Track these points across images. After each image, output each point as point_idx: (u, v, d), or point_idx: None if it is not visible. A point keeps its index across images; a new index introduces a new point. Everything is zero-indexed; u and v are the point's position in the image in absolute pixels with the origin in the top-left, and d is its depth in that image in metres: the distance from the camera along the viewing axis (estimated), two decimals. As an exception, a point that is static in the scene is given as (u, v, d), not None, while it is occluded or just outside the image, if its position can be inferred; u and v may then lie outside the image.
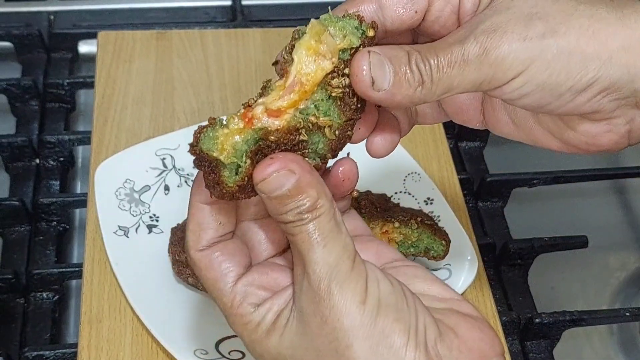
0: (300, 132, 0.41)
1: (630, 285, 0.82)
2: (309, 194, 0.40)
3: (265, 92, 0.42)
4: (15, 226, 0.77)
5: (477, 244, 0.73)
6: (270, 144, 0.41)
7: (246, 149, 0.41)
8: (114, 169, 0.74)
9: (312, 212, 0.40)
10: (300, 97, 0.41)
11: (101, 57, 0.87)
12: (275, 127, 0.41)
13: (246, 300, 0.43)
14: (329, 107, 0.41)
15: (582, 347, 0.77)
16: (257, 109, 0.41)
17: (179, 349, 0.62)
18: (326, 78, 0.41)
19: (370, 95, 0.41)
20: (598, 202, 0.89)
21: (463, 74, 0.41)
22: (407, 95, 0.41)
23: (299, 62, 0.41)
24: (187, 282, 0.67)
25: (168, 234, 0.69)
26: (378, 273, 0.41)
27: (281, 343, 0.42)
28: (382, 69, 0.41)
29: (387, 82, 0.41)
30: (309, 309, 0.41)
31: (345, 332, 0.40)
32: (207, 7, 1.00)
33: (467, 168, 0.86)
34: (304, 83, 0.41)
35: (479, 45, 0.40)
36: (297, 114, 0.41)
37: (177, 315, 0.65)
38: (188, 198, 0.72)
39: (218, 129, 0.41)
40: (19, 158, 0.82)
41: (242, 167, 0.41)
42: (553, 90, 0.41)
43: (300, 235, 0.41)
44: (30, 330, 0.71)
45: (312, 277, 0.40)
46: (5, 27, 0.94)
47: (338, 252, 0.40)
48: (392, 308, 0.40)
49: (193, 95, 0.84)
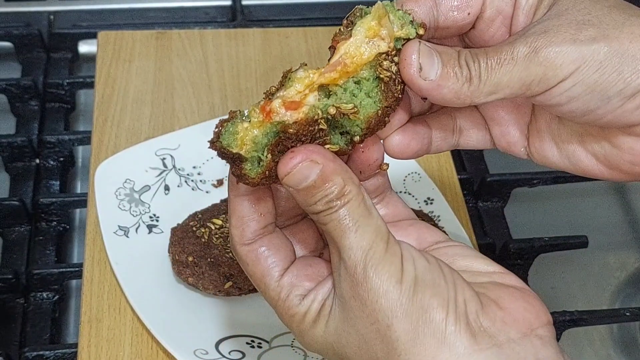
0: (319, 122, 0.41)
1: (630, 285, 0.82)
2: (335, 182, 0.41)
3: (285, 83, 0.42)
4: (15, 226, 0.77)
5: (477, 244, 0.73)
6: (290, 136, 0.41)
7: (266, 142, 0.41)
8: (114, 169, 0.74)
9: (340, 199, 0.41)
10: (340, 76, 0.42)
11: (101, 57, 0.87)
12: (294, 120, 0.41)
13: (292, 293, 0.44)
14: (372, 89, 0.42)
15: (582, 347, 0.77)
16: (275, 103, 0.41)
17: (179, 349, 0.62)
18: (378, 58, 0.42)
19: (416, 82, 0.41)
20: (598, 202, 0.89)
21: (512, 73, 0.41)
22: (453, 89, 0.41)
23: (355, 39, 0.42)
24: (187, 282, 0.67)
25: (168, 234, 0.69)
26: (413, 251, 0.42)
27: (327, 331, 0.43)
28: (430, 59, 0.41)
29: (435, 72, 0.41)
30: (348, 294, 0.41)
31: (385, 312, 0.40)
32: (207, 7, 1.00)
33: (467, 168, 0.86)
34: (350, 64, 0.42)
35: (528, 44, 0.41)
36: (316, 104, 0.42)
37: (177, 315, 0.65)
38: (188, 198, 0.73)
39: (238, 123, 0.41)
40: (19, 158, 0.82)
41: (264, 160, 0.41)
42: (603, 93, 0.41)
43: (331, 223, 0.41)
44: (30, 330, 0.71)
45: (348, 262, 0.41)
46: (5, 27, 0.94)
47: (370, 235, 0.41)
48: (429, 284, 0.40)
49: (193, 95, 0.84)
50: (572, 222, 0.86)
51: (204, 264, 0.66)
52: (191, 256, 0.66)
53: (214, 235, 0.67)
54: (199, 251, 0.66)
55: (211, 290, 0.66)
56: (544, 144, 0.48)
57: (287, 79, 0.42)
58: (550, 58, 0.40)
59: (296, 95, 0.42)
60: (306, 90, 0.42)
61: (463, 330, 0.39)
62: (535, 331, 0.41)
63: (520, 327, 0.41)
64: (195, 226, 0.68)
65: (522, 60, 0.40)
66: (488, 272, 0.44)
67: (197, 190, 0.75)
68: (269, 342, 0.65)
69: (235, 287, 0.66)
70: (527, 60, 0.40)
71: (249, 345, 0.64)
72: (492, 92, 0.41)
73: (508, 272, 0.44)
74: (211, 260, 0.66)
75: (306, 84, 0.42)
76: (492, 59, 0.41)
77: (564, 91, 0.41)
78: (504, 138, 0.49)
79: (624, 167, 0.45)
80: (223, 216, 0.69)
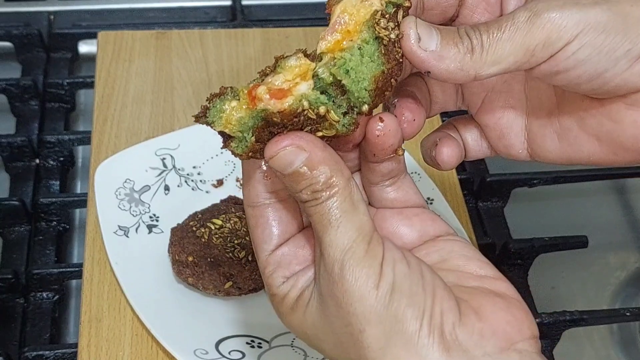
0: (306, 112, 0.40)
1: (630, 285, 0.82)
2: (321, 171, 0.39)
3: (275, 69, 0.41)
4: (15, 226, 0.77)
5: (477, 244, 0.73)
6: (276, 123, 0.40)
7: (252, 124, 0.40)
8: (114, 169, 0.74)
9: (326, 190, 0.39)
10: (343, 37, 0.40)
11: (101, 57, 0.87)
12: (277, 109, 0.40)
13: (276, 272, 0.43)
14: (374, 52, 0.40)
15: (582, 347, 0.77)
16: (260, 89, 0.40)
17: (179, 349, 0.62)
18: (375, 16, 0.40)
19: (417, 52, 0.40)
20: (598, 202, 0.89)
21: (514, 39, 0.39)
22: (456, 59, 0.40)
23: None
24: (187, 282, 0.67)
25: (168, 234, 0.69)
26: (396, 254, 0.40)
27: (304, 321, 0.42)
28: (429, 30, 0.40)
29: (435, 42, 0.40)
30: (325, 291, 0.40)
31: (358, 317, 0.39)
32: (207, 7, 1.00)
33: (467, 168, 0.86)
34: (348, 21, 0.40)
35: (528, 9, 0.39)
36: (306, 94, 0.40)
37: (177, 315, 0.65)
38: (188, 198, 0.73)
39: (226, 101, 0.41)
40: (18, 158, 0.82)
41: (248, 141, 0.40)
42: (610, 54, 0.39)
43: (315, 216, 0.40)
44: (30, 330, 0.71)
45: (327, 260, 0.39)
46: (5, 27, 0.94)
47: (352, 233, 0.39)
48: (406, 292, 0.39)
49: (193, 95, 0.84)
50: (572, 222, 0.86)
51: (204, 264, 0.66)
52: (191, 256, 0.66)
53: (214, 235, 0.67)
54: (199, 251, 0.66)
55: (211, 290, 0.66)
56: (545, 138, 0.47)
57: (278, 65, 0.41)
58: (553, 19, 0.39)
59: (284, 83, 0.40)
60: (297, 79, 0.41)
61: (436, 343, 0.38)
62: (515, 345, 0.40)
63: (498, 340, 0.39)
64: (195, 226, 0.68)
65: (524, 24, 0.39)
66: (479, 275, 0.43)
67: (197, 190, 0.75)
68: (269, 342, 0.65)
69: (235, 287, 0.66)
70: (530, 23, 0.39)
71: (249, 345, 0.64)
72: (496, 62, 0.40)
73: (501, 277, 0.43)
74: (211, 260, 0.66)
75: (296, 73, 0.41)
76: (493, 27, 0.40)
77: (571, 54, 0.39)
78: (501, 142, 0.49)
79: (627, 143, 0.43)
80: (223, 216, 0.69)
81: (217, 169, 0.76)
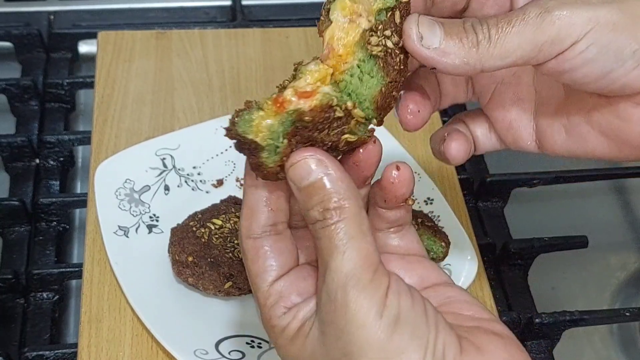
0: (335, 109, 0.41)
1: (630, 285, 0.82)
2: (336, 189, 0.39)
3: (296, 75, 0.42)
4: (15, 226, 0.77)
5: (477, 244, 0.73)
6: (307, 125, 0.40)
7: (282, 131, 0.40)
8: (114, 169, 0.74)
9: (336, 210, 0.39)
10: (337, 62, 0.41)
11: (101, 57, 0.87)
12: (308, 107, 0.40)
13: (278, 303, 0.43)
14: (371, 68, 0.41)
15: (582, 347, 0.77)
16: (287, 92, 0.40)
17: (179, 349, 0.62)
18: (364, 36, 0.41)
19: (419, 51, 0.40)
20: (598, 202, 0.89)
21: (524, 33, 0.39)
22: (460, 54, 0.40)
23: (335, 23, 0.41)
24: (187, 282, 0.67)
25: (168, 234, 0.69)
26: (401, 285, 0.40)
27: (303, 351, 0.41)
28: (431, 27, 0.40)
29: (438, 39, 0.40)
30: (327, 318, 0.40)
31: (360, 345, 0.38)
32: (207, 7, 1.00)
33: (467, 168, 0.86)
34: (338, 47, 0.41)
35: (539, 6, 0.40)
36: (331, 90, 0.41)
37: (177, 315, 0.65)
38: (188, 198, 0.73)
39: (254, 111, 0.41)
40: (18, 158, 0.82)
41: (280, 147, 0.40)
42: (618, 54, 0.40)
43: (323, 239, 0.40)
44: (30, 331, 0.71)
45: (331, 285, 0.39)
46: (5, 27, 0.94)
47: (358, 261, 0.39)
48: (410, 324, 0.39)
49: (193, 95, 0.84)
50: (572, 222, 0.86)
51: (204, 264, 0.66)
52: (191, 256, 0.66)
53: (213, 235, 0.67)
54: (199, 251, 0.66)
55: (211, 290, 0.66)
56: (553, 131, 0.47)
57: (298, 71, 0.41)
58: (564, 17, 0.39)
59: (307, 86, 0.41)
60: (318, 83, 0.41)
61: None
62: None
63: None
64: (195, 226, 0.68)
65: (534, 20, 0.39)
66: (477, 317, 0.43)
67: (197, 190, 0.75)
68: (269, 342, 0.65)
69: (235, 287, 0.66)
70: (540, 19, 0.39)
71: (249, 345, 0.64)
72: (503, 56, 0.40)
73: (497, 320, 0.44)
74: (211, 260, 0.66)
75: (317, 77, 0.41)
76: (503, 21, 0.40)
77: (579, 53, 0.40)
78: (510, 134, 0.49)
79: (633, 141, 0.44)
80: (223, 216, 0.69)
81: (217, 169, 0.76)
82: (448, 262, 0.68)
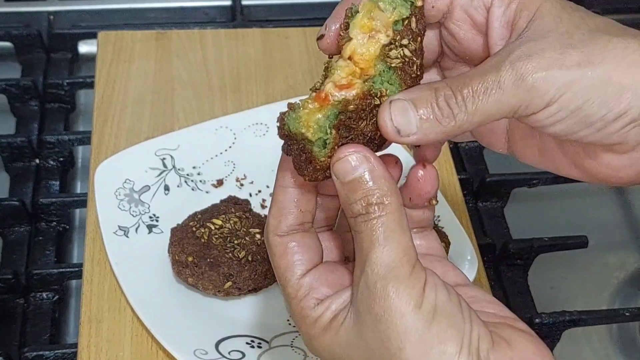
0: (374, 95, 0.43)
1: (630, 285, 0.82)
2: (379, 185, 0.41)
3: (329, 73, 0.43)
4: (15, 226, 0.78)
5: (477, 244, 0.73)
6: (351, 115, 0.42)
7: (329, 123, 0.42)
8: (114, 169, 0.74)
9: (379, 205, 0.41)
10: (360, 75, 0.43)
11: (101, 57, 0.87)
12: (352, 96, 0.42)
13: (310, 295, 0.44)
14: (390, 77, 0.43)
15: (581, 347, 0.77)
16: (328, 87, 0.43)
17: (179, 349, 0.62)
18: (384, 50, 0.43)
19: (402, 142, 0.43)
20: (598, 202, 0.89)
21: (500, 101, 0.41)
22: (440, 132, 0.42)
23: (356, 40, 0.43)
24: (187, 282, 0.67)
25: (168, 234, 0.69)
26: (437, 280, 0.42)
27: (335, 341, 0.43)
28: (405, 116, 0.42)
29: (414, 126, 0.42)
30: (364, 307, 0.41)
31: (399, 334, 0.40)
32: (207, 7, 1.01)
33: (467, 168, 0.86)
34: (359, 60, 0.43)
35: (515, 71, 0.41)
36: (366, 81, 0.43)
37: (177, 315, 0.65)
38: (188, 198, 0.73)
39: (300, 110, 0.42)
40: (18, 158, 0.82)
41: (329, 137, 0.42)
42: (586, 118, 0.41)
43: (365, 232, 0.41)
44: (30, 330, 0.71)
45: (370, 276, 0.40)
46: (5, 27, 0.94)
47: (398, 254, 0.41)
48: (448, 315, 0.40)
49: (193, 95, 0.84)
50: (572, 222, 0.86)
51: (204, 264, 0.66)
52: (191, 256, 0.66)
53: (213, 235, 0.67)
54: (199, 251, 0.66)
55: (211, 290, 0.66)
56: (526, 149, 0.49)
57: (329, 68, 0.43)
58: (538, 85, 0.40)
59: (343, 79, 0.43)
60: (350, 77, 0.43)
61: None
62: None
63: None
64: (195, 226, 0.68)
65: (510, 88, 0.41)
66: (501, 315, 0.45)
67: (197, 190, 0.75)
68: (268, 342, 0.65)
69: (235, 287, 0.66)
70: (515, 87, 0.41)
71: (248, 345, 0.64)
72: (483, 120, 0.42)
73: (519, 319, 0.45)
74: (211, 260, 0.66)
75: (348, 72, 0.43)
76: (478, 87, 0.41)
77: (550, 116, 0.42)
78: (483, 140, 0.51)
79: (600, 177, 0.46)
80: (223, 216, 0.69)
81: (217, 169, 0.76)
82: (448, 262, 0.68)
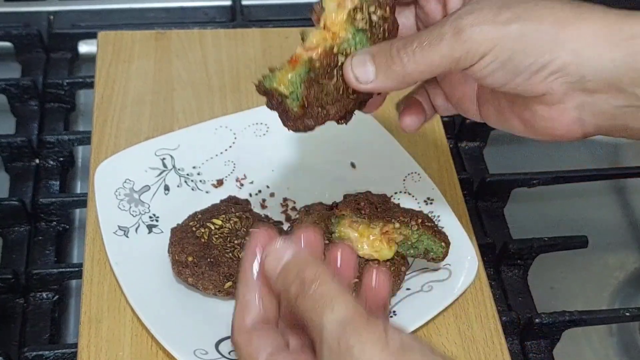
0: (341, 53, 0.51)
1: (630, 285, 0.82)
2: (307, 262, 0.43)
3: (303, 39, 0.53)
4: (15, 226, 0.78)
5: (477, 244, 0.73)
6: (318, 72, 0.51)
7: (299, 80, 0.52)
8: (114, 169, 0.74)
9: (314, 280, 0.42)
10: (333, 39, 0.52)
11: (101, 57, 0.87)
12: (316, 55, 0.51)
13: None
14: (361, 39, 0.51)
15: (581, 347, 0.77)
16: (298, 50, 0.52)
17: (179, 349, 0.62)
18: (351, 15, 0.51)
19: (362, 89, 0.51)
20: (598, 202, 0.90)
21: (442, 52, 0.48)
22: (392, 77, 0.49)
23: (328, 9, 0.52)
24: (187, 282, 0.67)
25: (168, 234, 0.69)
26: (395, 325, 0.41)
27: None
28: (363, 67, 0.50)
29: (372, 74, 0.50)
30: None
31: None
32: (207, 7, 1.01)
33: (467, 168, 0.86)
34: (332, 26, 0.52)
35: (454, 26, 0.47)
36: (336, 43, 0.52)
37: (177, 315, 0.65)
38: (188, 198, 0.73)
39: (275, 72, 0.53)
40: (18, 158, 0.82)
41: (299, 91, 0.52)
42: (515, 68, 0.48)
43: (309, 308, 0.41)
44: (30, 330, 0.71)
45: (329, 340, 0.40)
46: (5, 27, 0.94)
47: (349, 310, 0.40)
48: (418, 350, 0.40)
49: (192, 95, 0.84)
50: (572, 222, 0.86)
51: (204, 264, 0.66)
52: (191, 256, 0.66)
53: (213, 235, 0.67)
54: (199, 251, 0.66)
55: (211, 290, 0.66)
56: (489, 111, 0.56)
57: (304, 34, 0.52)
58: (473, 37, 0.47)
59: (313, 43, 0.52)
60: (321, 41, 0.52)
61: None
62: None
63: None
64: (195, 226, 0.68)
65: (449, 40, 0.47)
66: None
67: (197, 190, 0.75)
68: (268, 342, 0.65)
69: (235, 287, 0.66)
70: (454, 40, 0.47)
71: (248, 345, 0.64)
72: (428, 70, 0.49)
73: None
74: (211, 260, 0.66)
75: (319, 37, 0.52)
76: (424, 39, 0.48)
77: (485, 66, 0.48)
78: (459, 106, 0.59)
79: (540, 130, 0.52)
80: (223, 216, 0.69)
81: (217, 169, 0.76)
82: (448, 262, 0.68)
